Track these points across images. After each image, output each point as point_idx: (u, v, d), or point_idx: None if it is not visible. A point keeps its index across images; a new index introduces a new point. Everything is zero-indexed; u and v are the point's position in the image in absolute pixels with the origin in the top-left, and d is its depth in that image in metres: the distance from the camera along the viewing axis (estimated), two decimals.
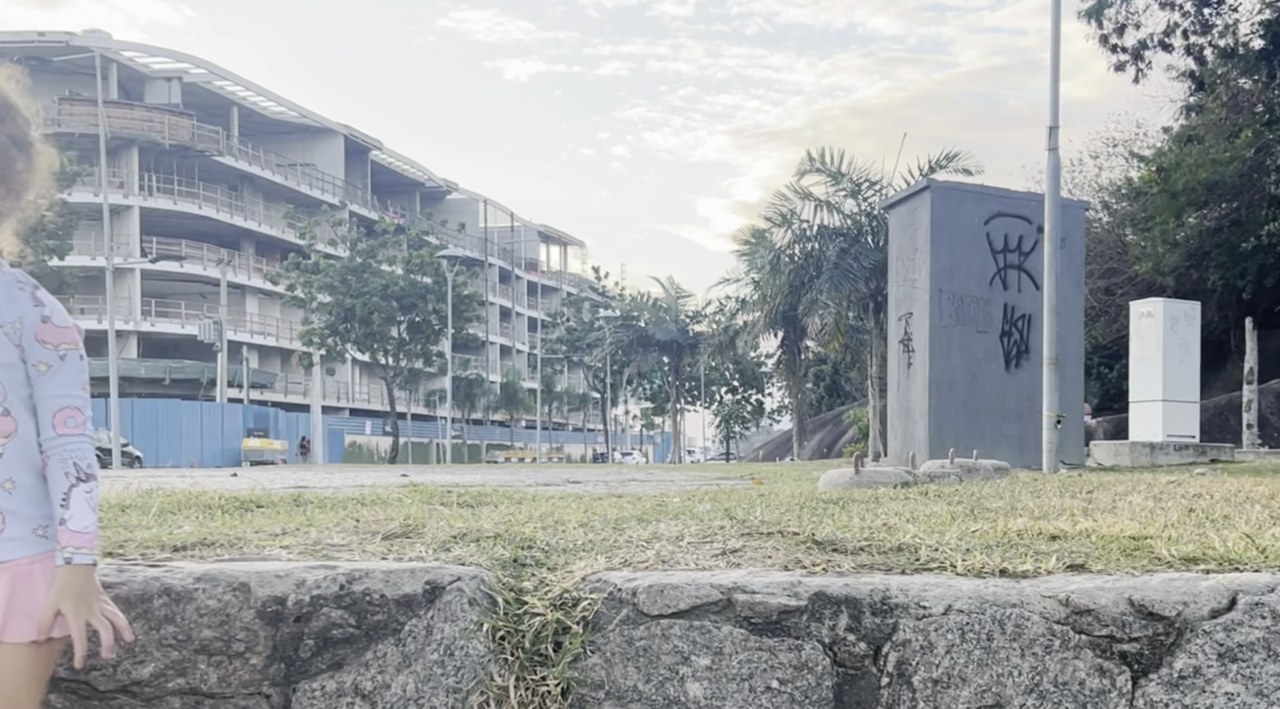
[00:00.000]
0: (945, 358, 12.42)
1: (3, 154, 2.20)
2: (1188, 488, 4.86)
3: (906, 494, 4.53)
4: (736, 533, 2.87)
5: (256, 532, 3.15)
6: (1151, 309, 14.53)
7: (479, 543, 2.83)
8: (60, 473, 2.19)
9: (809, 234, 24.10)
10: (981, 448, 12.29)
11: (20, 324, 2.18)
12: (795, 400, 31.97)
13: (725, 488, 6.24)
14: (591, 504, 4.19)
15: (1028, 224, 12.88)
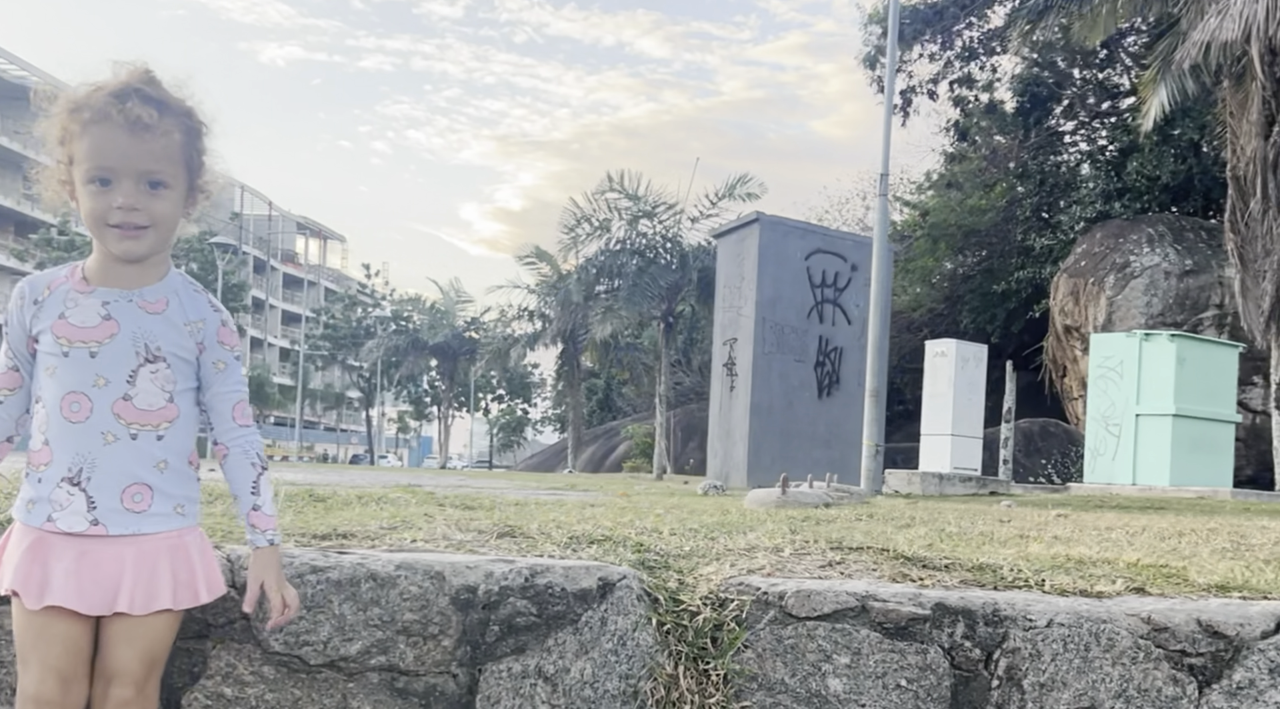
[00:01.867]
0: (766, 384, 13.16)
1: (200, 169, 2.44)
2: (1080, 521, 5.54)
3: (856, 515, 5.03)
4: (825, 547, 3.28)
5: (380, 526, 3.35)
6: (945, 349, 15.76)
7: (599, 545, 3.14)
8: (246, 463, 2.48)
9: (607, 250, 24.69)
10: (795, 471, 13.09)
11: (202, 325, 2.43)
12: (573, 413, 32.52)
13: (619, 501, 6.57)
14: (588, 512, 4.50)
15: (843, 261, 13.81)
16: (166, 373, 2.38)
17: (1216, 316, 24.74)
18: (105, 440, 2.32)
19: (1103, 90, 31.82)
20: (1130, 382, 15.19)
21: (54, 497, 2.31)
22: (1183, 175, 26.95)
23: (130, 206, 2.30)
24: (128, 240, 2.34)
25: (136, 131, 2.29)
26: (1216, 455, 15.20)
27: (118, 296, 2.38)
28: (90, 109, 2.30)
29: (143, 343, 2.36)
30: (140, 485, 2.34)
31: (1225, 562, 3.40)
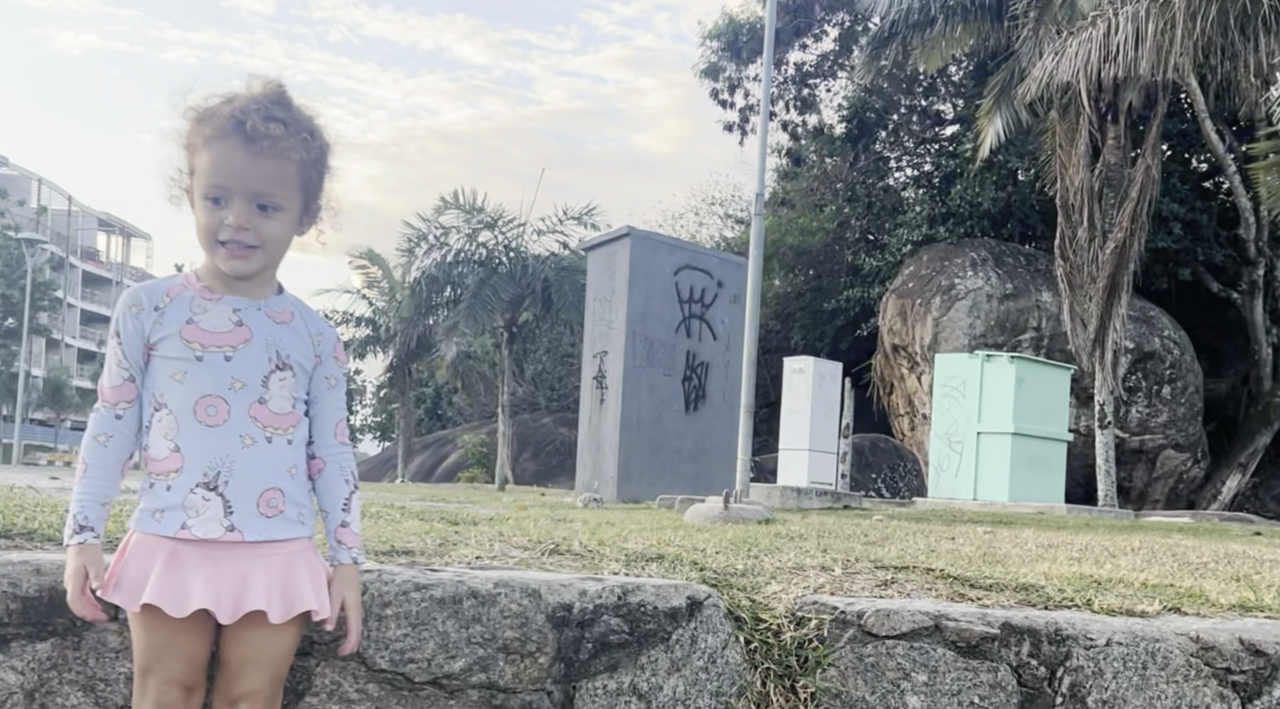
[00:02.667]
0: (636, 397, 13.24)
1: (319, 191, 2.43)
2: (1011, 538, 5.77)
3: (810, 530, 5.12)
4: (870, 566, 3.35)
5: (433, 542, 3.27)
6: (803, 366, 16.17)
7: (657, 563, 3.14)
8: (340, 479, 2.46)
9: (443, 262, 24.45)
10: (663, 485, 13.21)
11: (322, 339, 2.46)
12: (404, 422, 32.00)
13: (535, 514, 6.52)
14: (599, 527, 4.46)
15: (709, 278, 14.02)
16: (293, 381, 2.39)
17: (1034, 338, 25.99)
18: (244, 443, 2.31)
19: (926, 117, 33.11)
20: (972, 401, 15.85)
21: (188, 502, 2.28)
22: (1003, 202, 28.25)
23: (240, 226, 2.29)
24: (235, 259, 2.32)
25: (254, 153, 2.28)
26: (1050, 473, 15.99)
27: (247, 305, 2.38)
28: (214, 124, 2.30)
29: (274, 349, 2.37)
30: (274, 490, 2.34)
31: (1221, 583, 3.61)
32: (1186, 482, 26.92)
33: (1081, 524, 10.16)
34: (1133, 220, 18.63)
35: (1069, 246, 19.32)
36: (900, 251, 28.99)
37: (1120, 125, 19.23)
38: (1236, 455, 26.59)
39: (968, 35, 20.88)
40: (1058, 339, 25.66)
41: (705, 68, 32.26)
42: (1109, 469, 18.32)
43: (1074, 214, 19.23)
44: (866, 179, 32.38)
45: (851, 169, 32.16)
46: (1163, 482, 26.62)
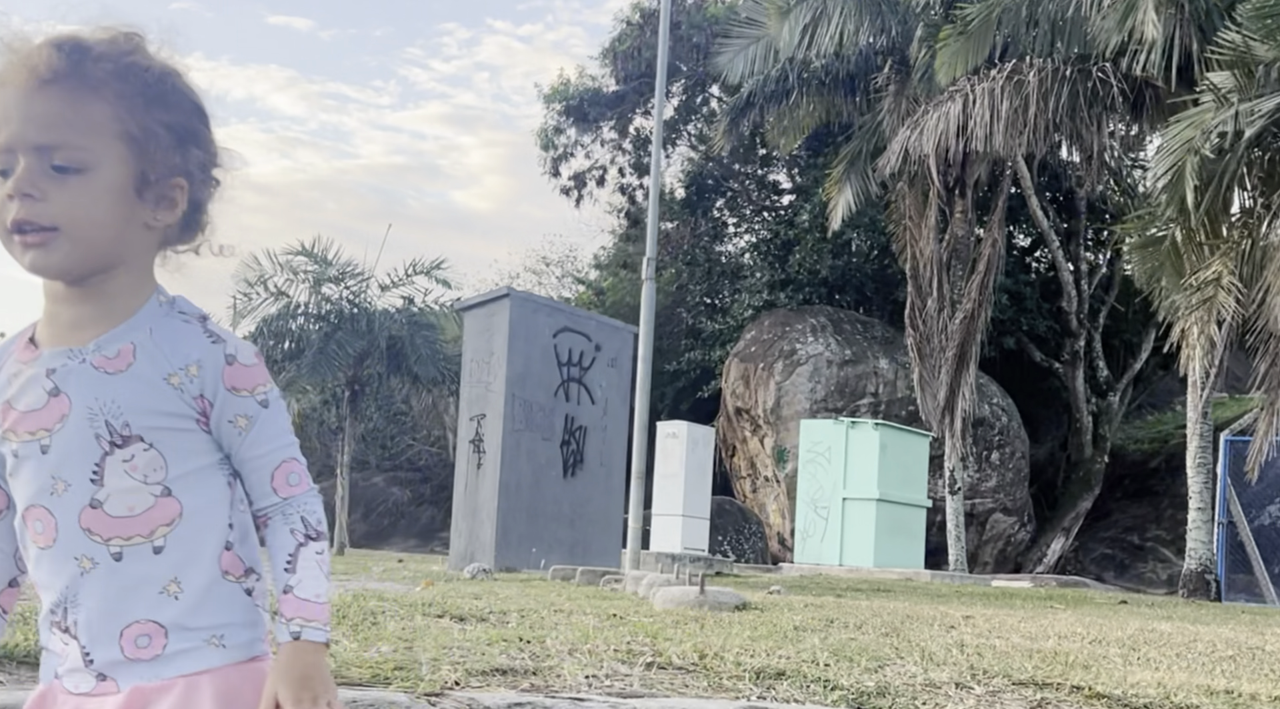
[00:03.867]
0: (514, 462, 12.82)
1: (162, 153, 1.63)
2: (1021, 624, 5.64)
3: (811, 621, 4.87)
4: (1005, 682, 3.10)
5: (501, 658, 2.87)
6: (676, 431, 15.99)
7: (787, 680, 2.83)
8: (285, 530, 1.68)
9: (286, 313, 23.51)
10: (540, 551, 12.81)
11: (198, 371, 1.63)
12: None
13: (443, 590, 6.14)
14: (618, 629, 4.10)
15: (588, 341, 13.75)
16: (147, 457, 1.61)
17: (872, 403, 26.50)
18: (81, 567, 1.61)
19: (764, 186, 33.75)
20: (838, 466, 15.96)
21: (51, 645, 1.66)
22: (840, 270, 28.91)
23: (24, 191, 1.54)
24: (30, 250, 1.57)
25: (32, 88, 1.55)
26: (912, 539, 16.19)
27: (65, 358, 1.61)
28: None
29: (102, 421, 1.60)
30: (145, 624, 1.61)
31: None
32: (1014, 545, 27.76)
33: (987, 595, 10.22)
34: (980, 291, 19.21)
35: (918, 316, 19.78)
36: (742, 316, 29.32)
37: (968, 199, 19.88)
38: (1060, 519, 27.59)
39: (820, 108, 21.30)
40: (894, 405, 26.26)
41: (542, 135, 32.25)
42: (959, 535, 18.70)
43: (924, 284, 19.71)
44: (706, 243, 32.73)
45: (691, 234, 32.45)
46: (992, 544, 27.38)
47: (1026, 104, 16.07)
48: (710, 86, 32.93)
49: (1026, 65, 16.15)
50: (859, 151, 20.92)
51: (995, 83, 16.34)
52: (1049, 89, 16.01)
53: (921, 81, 18.79)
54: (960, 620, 5.34)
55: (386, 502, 34.09)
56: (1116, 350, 29.82)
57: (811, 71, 20.51)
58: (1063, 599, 11.43)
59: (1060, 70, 15.83)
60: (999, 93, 16.29)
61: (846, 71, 20.42)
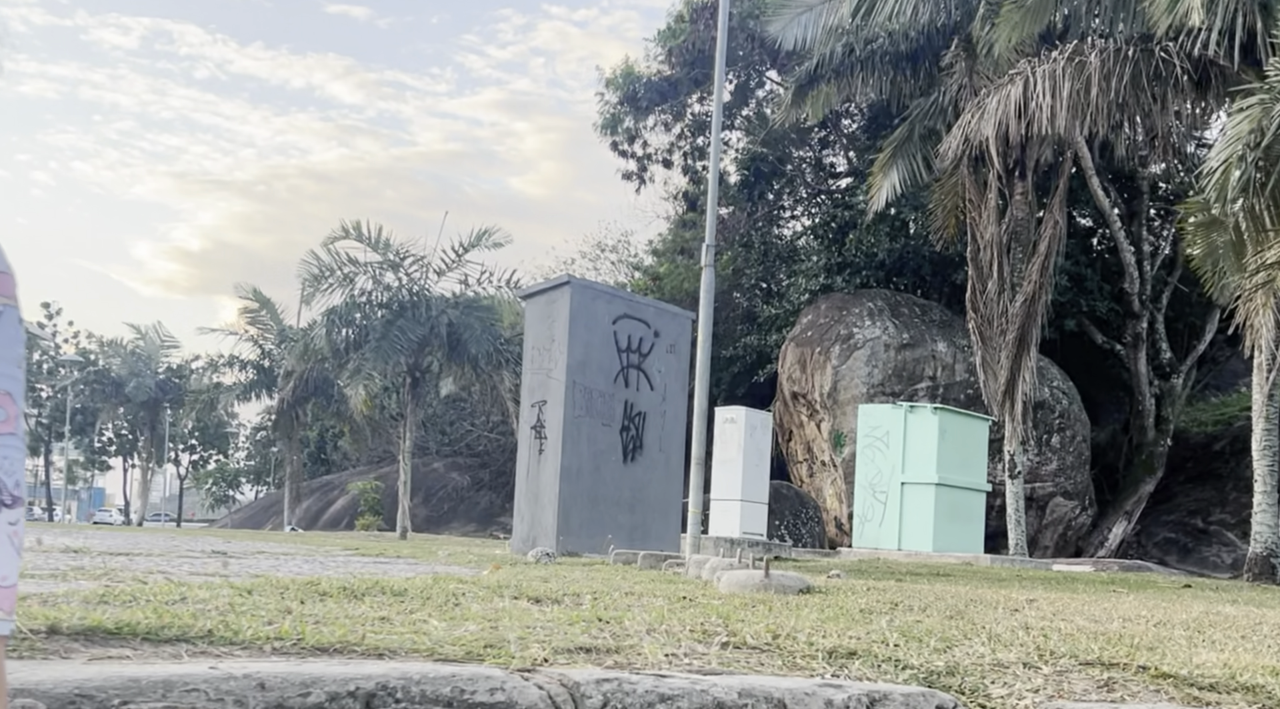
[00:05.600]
0: (575, 448, 12.94)
1: None
2: (1086, 605, 5.68)
3: (877, 604, 4.95)
4: (1072, 662, 3.16)
5: (583, 637, 2.98)
6: (734, 416, 16.08)
7: (859, 660, 2.92)
8: None
9: (351, 301, 23.86)
10: (602, 537, 12.94)
11: None
12: (291, 467, 31.05)
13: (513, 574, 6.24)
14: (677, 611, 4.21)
15: (647, 327, 13.84)
16: None
17: (930, 387, 26.40)
18: None
19: (820, 169, 33.64)
20: (896, 451, 15.95)
21: None
22: (897, 253, 28.78)
23: None
24: None
25: None
26: (971, 523, 16.15)
27: None
28: None
29: None
30: None
31: None
32: (1075, 529, 27.57)
33: (1049, 579, 10.21)
34: (1041, 274, 19.09)
35: (979, 299, 19.68)
36: (798, 300, 29.28)
37: (1028, 181, 19.73)
38: (1122, 503, 27.34)
39: (884, 84, 21.18)
40: (952, 388, 26.15)
41: (604, 119, 32.35)
42: (1019, 519, 18.61)
43: (984, 267, 19.61)
44: (762, 228, 32.70)
45: (748, 218, 32.44)
46: (1052, 528, 27.21)
47: (1088, 85, 15.92)
48: (767, 71, 32.89)
49: (1088, 46, 15.99)
50: (908, 135, 20.83)
51: (1056, 64, 16.20)
52: (1111, 69, 15.84)
53: (988, 57, 18.62)
54: (1024, 604, 5.38)
55: (446, 487, 34.54)
56: (1180, 332, 29.47)
57: (876, 47, 20.41)
58: (1125, 583, 11.39)
59: (1123, 50, 15.66)
60: (1060, 74, 16.15)
61: (910, 50, 20.31)
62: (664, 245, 35.84)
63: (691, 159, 33.41)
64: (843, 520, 25.62)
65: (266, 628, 2.94)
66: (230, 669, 2.49)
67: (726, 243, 33.29)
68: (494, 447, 34.96)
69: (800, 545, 20.87)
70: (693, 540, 11.51)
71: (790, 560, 14.70)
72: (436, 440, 35.97)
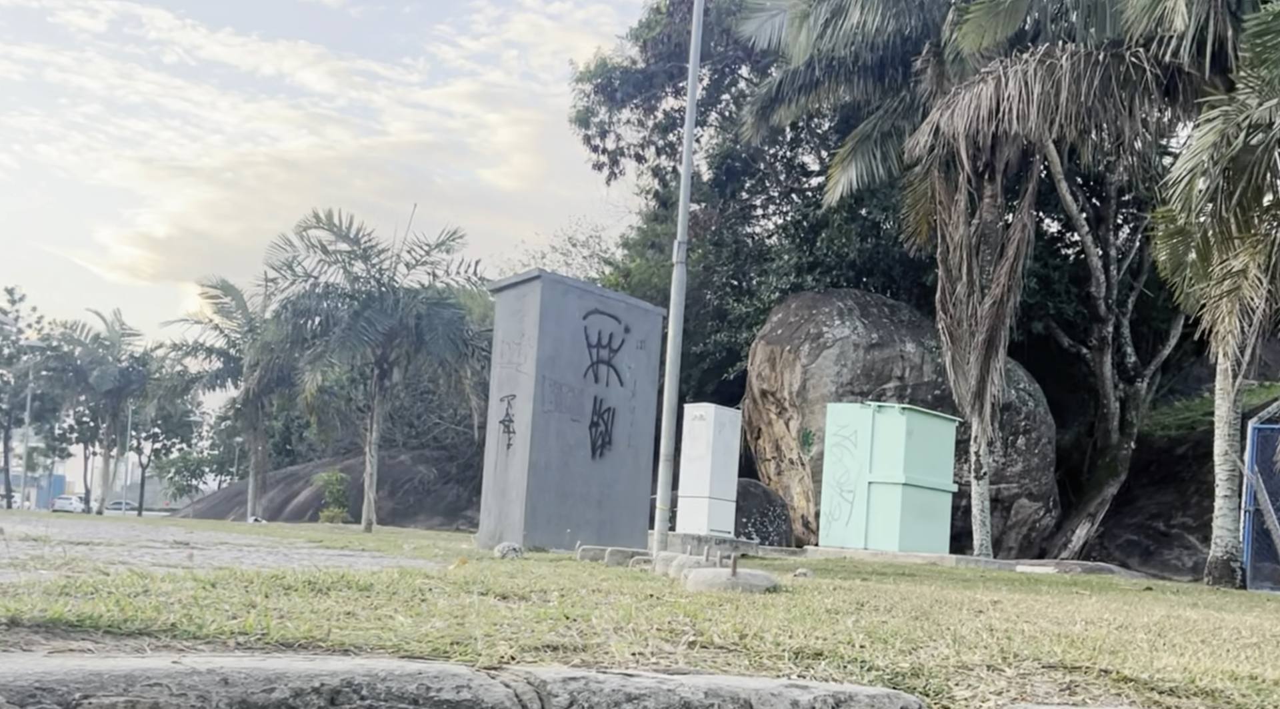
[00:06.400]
0: (544, 442, 12.92)
1: None
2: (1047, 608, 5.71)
3: (843, 604, 4.96)
4: (1035, 665, 3.18)
5: (550, 634, 2.97)
6: (704, 413, 16.09)
7: (825, 660, 2.92)
8: None
9: (313, 292, 23.71)
10: (570, 532, 12.92)
11: None
12: (256, 457, 30.84)
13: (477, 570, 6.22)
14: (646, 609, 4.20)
15: (617, 323, 13.83)
16: None
17: (898, 387, 26.50)
18: None
19: (792, 167, 33.70)
20: (864, 450, 16.01)
21: None
22: (868, 253, 28.88)
23: None
24: None
25: None
26: (937, 523, 16.23)
27: None
28: None
29: None
30: None
31: None
32: (1039, 530, 27.76)
33: (1013, 580, 10.27)
34: (1009, 276, 19.20)
35: (949, 300, 19.78)
36: (769, 298, 29.34)
37: (997, 184, 19.84)
38: (1086, 505, 27.56)
39: (848, 94, 21.33)
40: (920, 389, 26.27)
41: (577, 112, 32.28)
42: (984, 519, 18.72)
43: (954, 269, 19.70)
44: (733, 225, 32.73)
45: (720, 215, 32.46)
46: (1016, 530, 27.38)
47: (1059, 87, 16.02)
48: (740, 68, 32.91)
49: (1059, 49, 16.10)
50: (870, 132, 20.92)
51: (1028, 65, 16.29)
52: (1081, 73, 15.95)
53: (956, 63, 18.73)
54: (988, 605, 5.41)
55: (412, 480, 34.42)
56: (1145, 336, 29.71)
57: (838, 60, 20.51)
58: (1088, 585, 11.48)
59: (1093, 54, 15.77)
60: (1031, 75, 16.24)
61: (875, 60, 20.42)
62: (635, 240, 35.83)
63: (664, 155, 33.40)
64: (810, 519, 25.70)
65: (231, 622, 2.91)
66: (194, 664, 2.46)
67: (697, 240, 33.31)
68: (461, 440, 34.90)
69: (767, 543, 20.91)
70: (660, 537, 11.51)
71: (757, 558, 14.74)
72: (404, 433, 35.84)
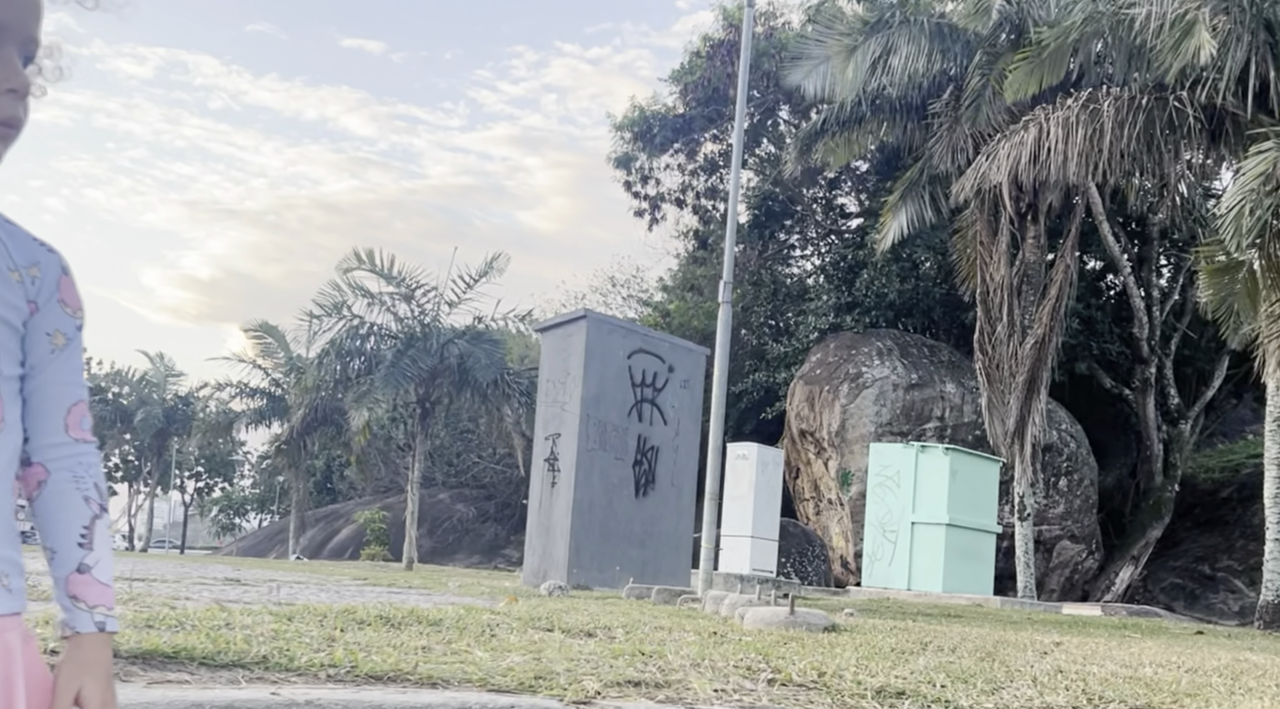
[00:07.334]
0: (588, 481, 12.99)
1: None
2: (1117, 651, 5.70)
3: (907, 644, 4.97)
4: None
5: (630, 669, 3.02)
6: (746, 452, 16.12)
7: (912, 699, 2.95)
8: (79, 496, 1.48)
9: (357, 333, 23.97)
10: (612, 570, 12.95)
11: (39, 273, 1.46)
12: (298, 496, 31.05)
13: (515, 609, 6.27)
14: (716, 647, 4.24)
15: (661, 362, 13.91)
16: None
17: (938, 427, 26.40)
18: None
19: (831, 209, 33.79)
20: (907, 491, 15.96)
21: None
22: (908, 294, 28.85)
23: (10, 88, 1.38)
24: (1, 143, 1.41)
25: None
26: (981, 564, 16.13)
27: None
28: None
29: None
30: None
31: None
32: (1081, 572, 27.50)
33: (1060, 622, 10.20)
34: (1051, 317, 19.15)
35: (987, 341, 19.72)
36: (807, 338, 29.34)
37: (1039, 225, 19.82)
38: (1129, 548, 27.29)
39: (891, 133, 21.42)
40: (960, 429, 26.16)
41: (617, 157, 32.54)
42: (1028, 561, 18.59)
43: (994, 309, 19.66)
44: (772, 266, 32.82)
45: (759, 256, 32.57)
46: (1059, 571, 27.13)
47: (1101, 132, 16.02)
48: (779, 111, 33.09)
49: (1103, 93, 16.11)
50: (918, 177, 20.96)
51: (1070, 111, 16.31)
52: (1125, 117, 15.95)
53: (969, 109, 18.78)
54: (1051, 647, 5.41)
55: (451, 518, 34.49)
56: (1188, 378, 29.48)
57: (884, 98, 20.61)
58: (1137, 628, 11.38)
59: (1136, 99, 15.77)
60: (1074, 121, 16.25)
61: (918, 99, 20.50)
62: (674, 282, 35.96)
63: (703, 198, 33.57)
64: (849, 559, 25.57)
65: (319, 655, 2.98)
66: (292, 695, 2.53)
67: (736, 280, 33.41)
68: (499, 479, 34.97)
69: (806, 583, 20.81)
70: (705, 576, 11.51)
71: (801, 598, 14.69)
72: (443, 472, 35.97)
